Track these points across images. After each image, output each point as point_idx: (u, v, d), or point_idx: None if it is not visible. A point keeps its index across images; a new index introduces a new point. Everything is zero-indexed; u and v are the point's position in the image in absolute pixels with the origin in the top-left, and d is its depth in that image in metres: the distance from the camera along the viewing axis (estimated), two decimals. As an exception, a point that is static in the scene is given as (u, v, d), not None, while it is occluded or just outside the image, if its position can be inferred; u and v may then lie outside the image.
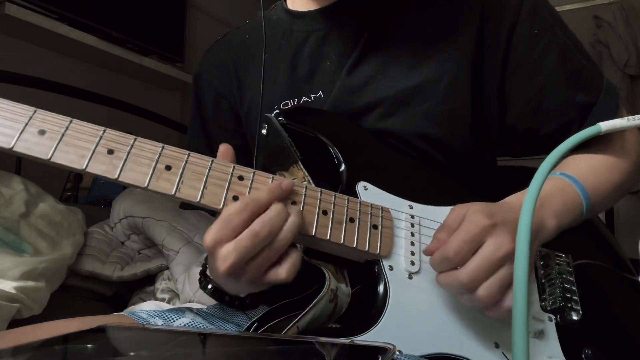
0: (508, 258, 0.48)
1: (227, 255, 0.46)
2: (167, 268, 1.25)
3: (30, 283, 0.94)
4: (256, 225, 0.46)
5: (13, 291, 0.90)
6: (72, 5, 1.79)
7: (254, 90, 0.76)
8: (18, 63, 1.66)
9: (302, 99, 0.71)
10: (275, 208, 0.48)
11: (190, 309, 0.65)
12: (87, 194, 1.79)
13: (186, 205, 0.82)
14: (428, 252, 0.52)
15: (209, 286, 0.54)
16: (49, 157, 0.45)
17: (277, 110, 0.70)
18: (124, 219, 1.32)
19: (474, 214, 0.51)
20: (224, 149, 0.53)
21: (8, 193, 1.10)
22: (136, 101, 1.93)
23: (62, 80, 1.64)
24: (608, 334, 0.63)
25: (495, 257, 0.48)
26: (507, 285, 0.49)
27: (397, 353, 0.48)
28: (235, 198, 0.49)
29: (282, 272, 0.48)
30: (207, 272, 0.56)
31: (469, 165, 0.68)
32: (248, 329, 0.53)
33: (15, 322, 0.90)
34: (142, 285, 1.28)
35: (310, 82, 0.71)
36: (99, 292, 1.23)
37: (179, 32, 2.37)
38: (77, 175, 1.72)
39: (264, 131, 0.65)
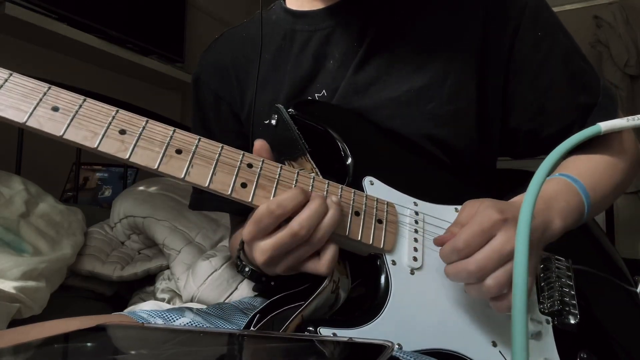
0: None
1: (264, 249, 0.49)
2: (168, 268, 1.25)
3: (30, 283, 0.94)
4: (295, 225, 0.48)
5: (13, 291, 0.90)
6: (72, 5, 1.79)
7: (254, 90, 0.76)
8: (18, 63, 1.66)
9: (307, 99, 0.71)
10: (313, 206, 0.49)
11: (190, 309, 0.65)
12: (91, 198, 1.78)
13: (195, 206, 0.83)
14: (439, 241, 0.53)
15: (247, 269, 0.57)
16: (61, 133, 0.45)
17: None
18: (124, 219, 1.32)
19: (486, 209, 0.51)
20: (259, 145, 0.54)
21: (8, 193, 1.10)
22: (136, 101, 1.93)
23: (62, 80, 1.64)
24: (603, 340, 0.63)
25: (505, 249, 0.49)
26: None
27: (396, 347, 0.49)
28: (244, 185, 0.50)
29: (322, 267, 0.50)
30: (241, 256, 0.58)
31: (471, 166, 0.69)
32: (250, 320, 0.53)
33: (16, 322, 0.89)
34: (142, 285, 1.28)
35: (314, 81, 0.71)
36: (99, 292, 1.23)
37: (179, 32, 2.37)
38: (77, 176, 1.72)
39: (273, 121, 0.65)
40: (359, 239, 0.54)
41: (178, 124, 2.06)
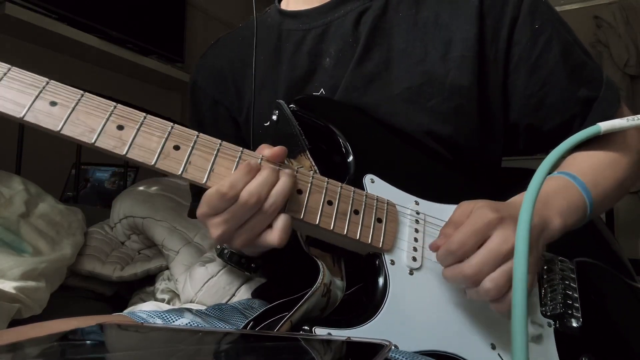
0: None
1: (217, 223, 0.49)
2: (167, 268, 1.25)
3: (30, 283, 0.94)
4: (244, 194, 0.47)
5: (13, 291, 0.90)
6: (72, 5, 1.79)
7: (252, 93, 0.76)
8: (18, 63, 1.65)
9: None
10: (262, 175, 0.48)
11: (190, 310, 0.65)
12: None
13: (194, 215, 0.82)
14: (434, 247, 0.52)
15: (225, 251, 0.57)
16: (58, 129, 0.45)
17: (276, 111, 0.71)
18: (124, 219, 1.32)
19: (480, 208, 0.51)
20: (278, 150, 0.53)
21: (8, 193, 1.10)
22: (136, 101, 1.92)
23: (62, 80, 1.63)
24: (606, 342, 0.62)
25: (501, 250, 0.48)
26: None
27: (393, 348, 0.48)
28: None
29: (274, 237, 0.50)
30: None
31: (474, 162, 0.68)
32: (244, 328, 0.53)
33: (16, 322, 0.89)
34: (142, 285, 1.28)
35: (311, 80, 0.71)
36: (99, 292, 1.23)
37: (179, 32, 2.37)
38: (77, 176, 1.72)
39: (274, 117, 0.64)
40: (358, 238, 0.53)
41: (178, 124, 2.06)
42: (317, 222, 0.51)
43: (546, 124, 0.68)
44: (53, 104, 0.45)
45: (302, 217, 0.51)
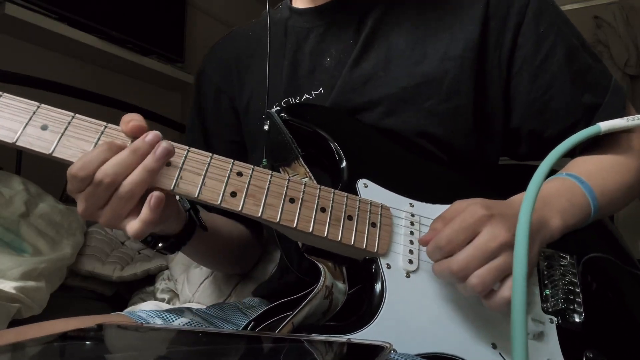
0: (503, 248, 0.48)
1: (80, 201, 0.48)
2: (167, 268, 1.25)
3: (30, 283, 0.94)
4: (98, 173, 0.46)
5: (13, 291, 0.90)
6: (72, 5, 1.79)
7: (254, 85, 0.76)
8: (18, 63, 1.66)
9: (304, 96, 0.71)
10: (120, 156, 0.46)
11: (190, 309, 0.65)
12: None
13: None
14: (423, 241, 0.52)
15: None
16: (50, 152, 0.46)
17: (277, 107, 0.71)
18: (124, 219, 1.32)
19: (472, 205, 0.51)
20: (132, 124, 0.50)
21: (8, 193, 1.10)
22: (136, 101, 1.93)
23: (62, 80, 1.64)
24: (611, 337, 0.62)
25: (489, 246, 0.48)
26: (502, 275, 0.48)
27: (392, 352, 0.48)
28: (234, 194, 0.50)
29: (130, 228, 0.48)
30: None
31: (471, 164, 0.68)
32: (245, 328, 0.53)
33: (16, 322, 0.89)
34: (142, 285, 1.28)
35: (311, 78, 0.71)
36: (99, 292, 1.23)
37: (179, 32, 2.37)
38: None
39: (265, 127, 0.64)
40: (352, 243, 0.53)
41: (178, 124, 2.07)
42: (310, 230, 0.51)
43: (548, 130, 0.67)
44: (44, 127, 0.47)
45: (295, 225, 0.51)
